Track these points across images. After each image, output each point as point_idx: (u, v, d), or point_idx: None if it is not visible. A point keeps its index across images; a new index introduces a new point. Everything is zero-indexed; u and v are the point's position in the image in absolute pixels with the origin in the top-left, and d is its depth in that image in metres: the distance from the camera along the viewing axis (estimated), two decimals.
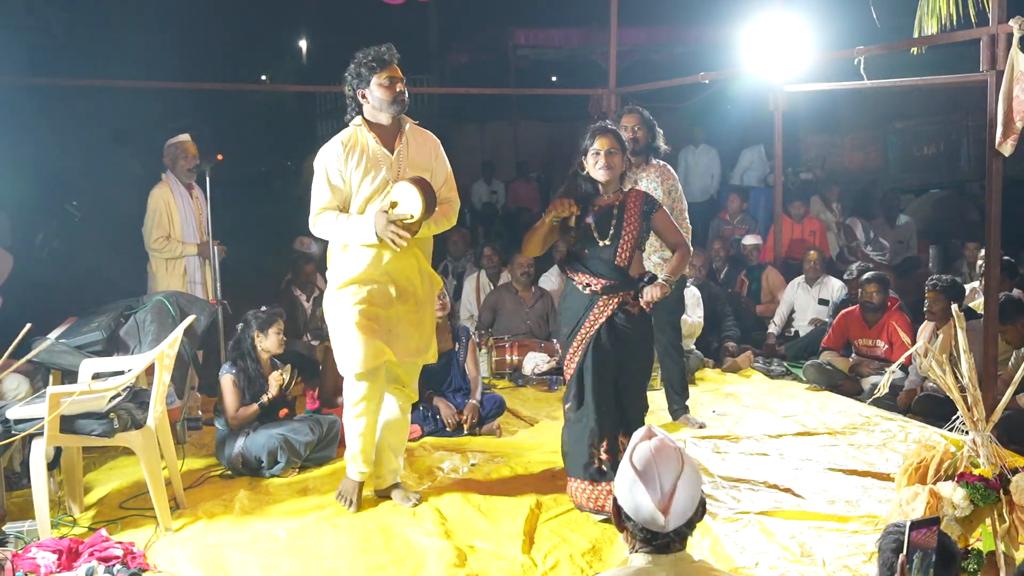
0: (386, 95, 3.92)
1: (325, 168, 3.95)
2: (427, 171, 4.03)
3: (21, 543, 3.74)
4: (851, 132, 12.08)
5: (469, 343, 5.66)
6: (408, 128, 4.06)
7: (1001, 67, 4.50)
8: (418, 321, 4.15)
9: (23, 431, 3.78)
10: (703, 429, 5.40)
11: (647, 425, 2.18)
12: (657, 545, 2.04)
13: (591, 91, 8.93)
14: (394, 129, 4.02)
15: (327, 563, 3.69)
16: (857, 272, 6.90)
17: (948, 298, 5.52)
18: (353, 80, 3.97)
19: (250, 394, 4.83)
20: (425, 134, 4.15)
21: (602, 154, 4.06)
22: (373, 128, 3.99)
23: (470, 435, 5.37)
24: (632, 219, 4.12)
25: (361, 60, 3.93)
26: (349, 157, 3.93)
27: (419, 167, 4.01)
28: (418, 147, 4.07)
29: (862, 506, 4.17)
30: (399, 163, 3.97)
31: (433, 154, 4.11)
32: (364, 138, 3.97)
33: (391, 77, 3.92)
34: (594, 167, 4.09)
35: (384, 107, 3.95)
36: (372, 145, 3.96)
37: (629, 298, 4.11)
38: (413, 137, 4.07)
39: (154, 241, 5.89)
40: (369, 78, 3.92)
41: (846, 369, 6.36)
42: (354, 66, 3.95)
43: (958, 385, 3.45)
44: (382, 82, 3.91)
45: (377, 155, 3.95)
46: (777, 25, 7.17)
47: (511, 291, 7.12)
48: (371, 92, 3.94)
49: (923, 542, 2.21)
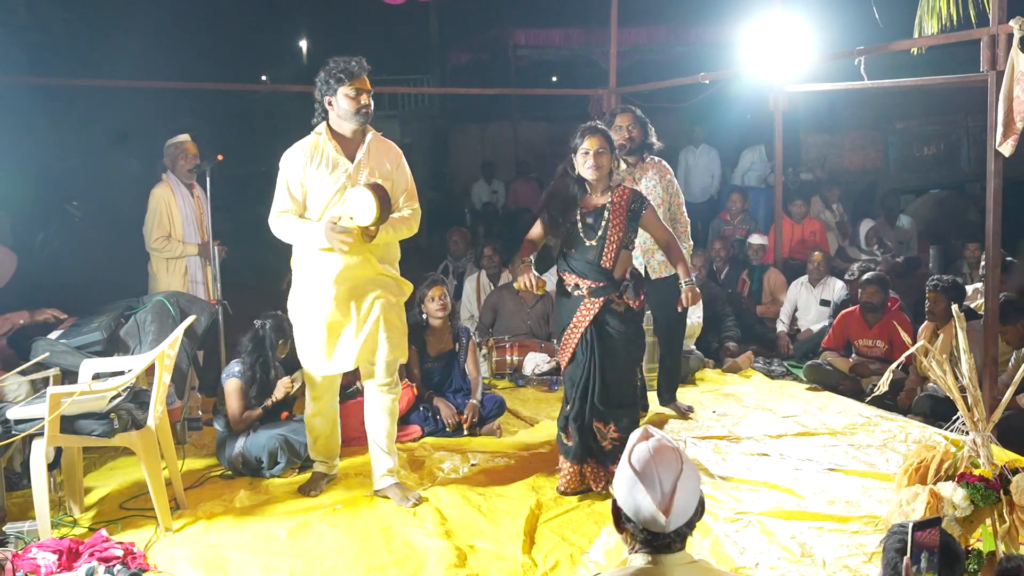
0: (351, 106, 4.03)
1: (286, 175, 4.11)
2: (388, 180, 4.14)
3: (21, 543, 3.74)
4: (851, 132, 12.07)
5: (469, 343, 5.66)
6: (371, 138, 4.17)
7: (1001, 67, 4.50)
8: (382, 319, 4.18)
9: (23, 431, 3.78)
10: (695, 420, 5.54)
11: (643, 427, 2.18)
12: (657, 546, 2.04)
13: (591, 91, 8.93)
14: (357, 139, 4.14)
15: (327, 563, 3.69)
16: (858, 272, 6.90)
17: (949, 298, 5.52)
18: (322, 87, 4.07)
19: (255, 398, 4.84)
20: (388, 144, 4.27)
21: (591, 154, 4.18)
22: (336, 136, 4.12)
23: (470, 435, 5.37)
24: (618, 219, 4.23)
25: (331, 69, 4.04)
26: (309, 164, 4.06)
27: (379, 176, 4.12)
28: (379, 156, 4.18)
29: (862, 506, 4.17)
30: (358, 171, 4.08)
31: (394, 164, 4.22)
32: (325, 145, 4.08)
33: (358, 89, 4.03)
34: (583, 166, 4.21)
35: (347, 117, 4.06)
36: (332, 153, 4.08)
37: (615, 298, 4.23)
38: (375, 147, 4.18)
39: (154, 241, 5.90)
40: (336, 88, 4.03)
41: (846, 369, 6.35)
42: (324, 73, 4.06)
43: (958, 385, 3.45)
44: (348, 93, 4.02)
45: (337, 162, 4.07)
46: (777, 25, 7.16)
47: (511, 291, 7.12)
48: (337, 101, 4.05)
49: (928, 542, 2.21)
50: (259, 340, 4.89)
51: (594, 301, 4.22)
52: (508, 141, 14.99)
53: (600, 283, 4.23)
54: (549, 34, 14.98)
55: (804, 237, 8.80)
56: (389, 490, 4.32)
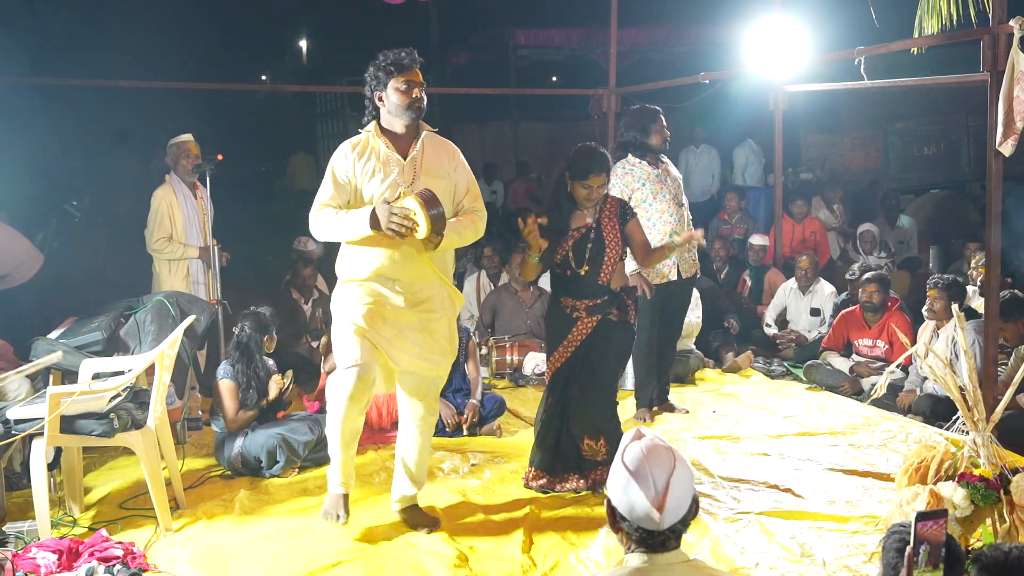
0: (402, 100, 3.73)
1: (334, 168, 3.81)
2: (444, 178, 3.83)
3: (21, 543, 3.75)
4: (851, 132, 12.08)
5: (469, 344, 5.66)
6: (425, 135, 3.86)
7: (1001, 67, 4.50)
8: (426, 331, 3.87)
9: (23, 431, 3.78)
10: (694, 420, 5.55)
11: (636, 427, 2.20)
12: (653, 544, 2.05)
13: (591, 91, 8.94)
14: (409, 136, 3.84)
15: (327, 563, 3.68)
16: (859, 272, 6.89)
17: (950, 297, 5.52)
18: (371, 82, 3.79)
19: (248, 396, 4.83)
20: (444, 141, 3.97)
21: (593, 189, 4.24)
22: (386, 134, 3.82)
23: (470, 435, 5.37)
24: (611, 236, 4.31)
25: (380, 62, 3.77)
26: (358, 159, 3.78)
27: (434, 174, 3.81)
28: (435, 154, 3.87)
29: (862, 506, 4.17)
30: (413, 168, 3.78)
31: (451, 162, 3.90)
32: (376, 143, 3.80)
33: (409, 82, 3.73)
34: (583, 199, 4.27)
35: (399, 112, 3.76)
36: (384, 150, 3.78)
37: (612, 312, 4.29)
38: (430, 144, 3.86)
39: (155, 242, 5.90)
40: (386, 81, 3.73)
41: (846, 369, 6.35)
42: (373, 68, 3.77)
43: (958, 385, 3.46)
44: (399, 86, 3.72)
45: (389, 159, 3.78)
46: (777, 25, 7.17)
47: (510, 291, 7.12)
48: (387, 96, 3.75)
49: (929, 534, 2.20)
50: (243, 344, 4.88)
51: (591, 319, 4.29)
52: (508, 141, 14.99)
53: (598, 300, 4.29)
54: (549, 34, 14.97)
55: (805, 237, 8.80)
56: (405, 512, 4.08)
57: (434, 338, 3.89)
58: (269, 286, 7.93)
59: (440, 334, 3.91)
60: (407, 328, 3.83)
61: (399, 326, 3.82)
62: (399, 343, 3.82)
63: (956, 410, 3.50)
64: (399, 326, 3.82)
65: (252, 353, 4.88)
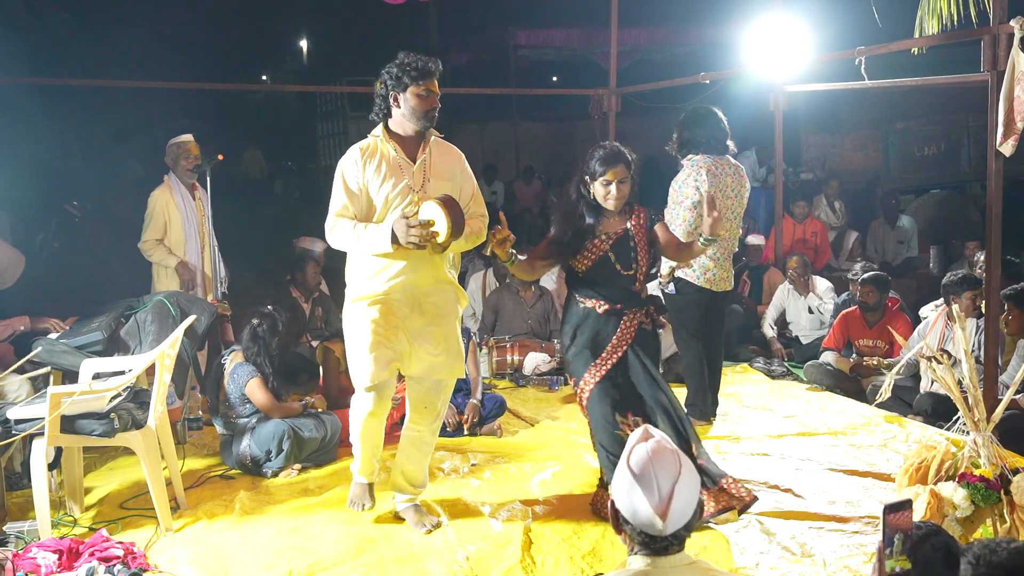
0: (420, 106, 3.75)
1: (343, 174, 3.80)
2: (451, 182, 3.85)
3: (21, 543, 3.75)
4: (851, 132, 12.08)
5: (469, 344, 5.66)
6: (432, 140, 3.89)
7: (1002, 67, 4.50)
8: (439, 336, 3.90)
9: (23, 431, 3.78)
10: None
11: (643, 427, 2.16)
12: (655, 548, 2.03)
13: (591, 91, 8.94)
14: (417, 140, 3.86)
15: (327, 563, 3.69)
16: (860, 271, 6.89)
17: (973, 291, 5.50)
18: (390, 81, 3.77)
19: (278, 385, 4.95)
20: (449, 146, 3.99)
21: (614, 184, 3.94)
22: (394, 138, 3.83)
23: (470, 435, 5.37)
24: (642, 242, 4.06)
25: (404, 64, 3.75)
26: (368, 164, 3.78)
27: (443, 177, 3.84)
28: (442, 158, 3.90)
29: (863, 506, 4.16)
30: (423, 172, 3.81)
31: (458, 167, 3.94)
32: (384, 147, 3.81)
33: (430, 90, 3.76)
34: (604, 198, 3.97)
35: (414, 118, 3.77)
36: (392, 154, 3.80)
37: (643, 317, 4.06)
38: (437, 148, 3.89)
39: (143, 243, 5.89)
40: (407, 85, 3.73)
41: (847, 369, 6.35)
42: (396, 68, 3.75)
43: (958, 385, 3.46)
44: (420, 92, 3.74)
45: (398, 163, 3.79)
46: (777, 25, 7.17)
47: (511, 291, 7.12)
48: (405, 99, 3.75)
49: (900, 524, 2.18)
50: (258, 338, 4.95)
51: (633, 316, 4.02)
52: (508, 141, 14.99)
53: (630, 304, 4.03)
54: (549, 34, 14.97)
55: (805, 237, 8.80)
56: (407, 512, 4.09)
57: (447, 341, 3.93)
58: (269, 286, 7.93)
59: (452, 336, 3.95)
60: (419, 336, 3.86)
61: (412, 334, 3.84)
62: (414, 352, 3.86)
63: (956, 410, 3.50)
64: (412, 334, 3.84)
65: (268, 345, 4.96)
